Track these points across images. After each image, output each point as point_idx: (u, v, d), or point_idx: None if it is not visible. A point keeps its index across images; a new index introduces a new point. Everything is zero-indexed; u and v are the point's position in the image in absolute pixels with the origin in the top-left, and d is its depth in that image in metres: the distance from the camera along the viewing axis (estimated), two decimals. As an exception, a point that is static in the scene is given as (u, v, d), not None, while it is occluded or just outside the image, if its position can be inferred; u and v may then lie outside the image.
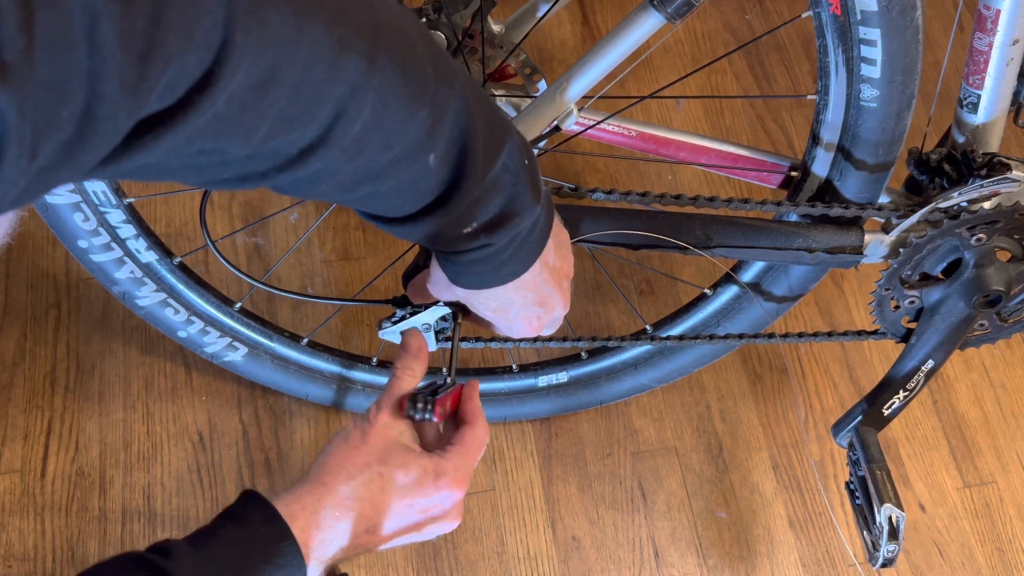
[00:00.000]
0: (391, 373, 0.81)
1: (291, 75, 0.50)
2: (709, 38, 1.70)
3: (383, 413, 0.79)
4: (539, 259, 0.74)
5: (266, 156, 0.54)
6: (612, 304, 1.46)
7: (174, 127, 0.46)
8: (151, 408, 1.35)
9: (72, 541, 1.26)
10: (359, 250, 1.48)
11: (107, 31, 0.40)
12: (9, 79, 0.37)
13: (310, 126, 0.54)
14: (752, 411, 1.40)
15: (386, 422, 0.78)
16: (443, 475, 0.77)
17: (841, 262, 1.02)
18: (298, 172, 0.56)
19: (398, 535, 0.78)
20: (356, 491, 0.75)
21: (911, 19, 0.88)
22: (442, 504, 0.78)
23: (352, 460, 0.76)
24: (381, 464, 0.76)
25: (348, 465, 0.76)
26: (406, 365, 0.81)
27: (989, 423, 1.41)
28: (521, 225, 0.69)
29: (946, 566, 1.31)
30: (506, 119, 0.67)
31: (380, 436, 0.77)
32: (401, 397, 0.80)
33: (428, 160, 0.61)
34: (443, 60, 0.60)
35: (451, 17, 1.08)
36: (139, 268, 1.15)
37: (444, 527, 0.79)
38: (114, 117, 0.43)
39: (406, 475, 0.76)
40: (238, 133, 0.51)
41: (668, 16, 0.90)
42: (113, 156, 0.45)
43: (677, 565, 1.29)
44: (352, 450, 0.77)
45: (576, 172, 1.56)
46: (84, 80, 0.40)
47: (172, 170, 0.52)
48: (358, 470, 0.76)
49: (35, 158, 0.40)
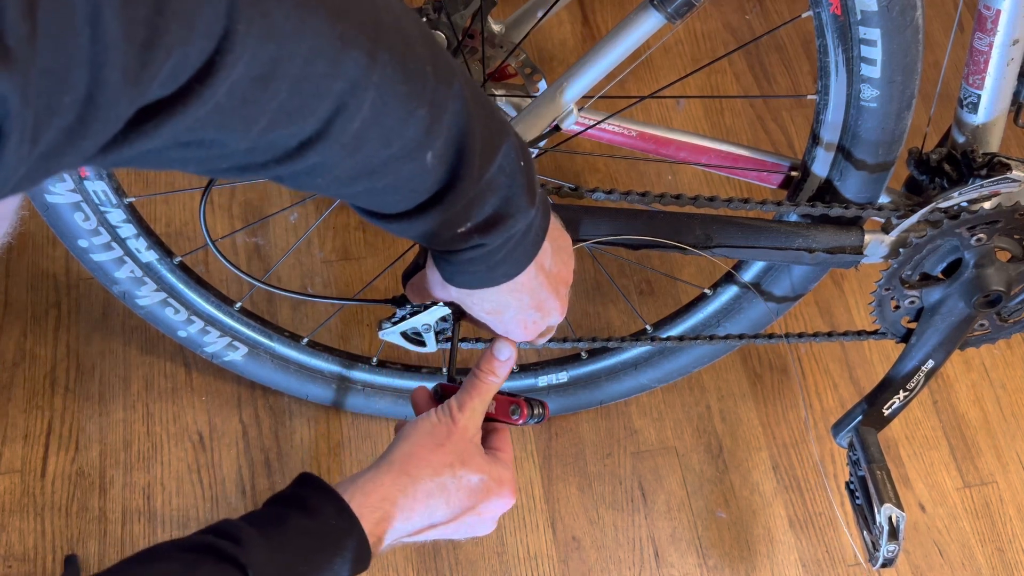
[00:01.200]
0: (472, 373, 0.83)
1: (292, 68, 0.50)
2: (709, 38, 1.70)
3: (465, 412, 0.81)
4: (534, 262, 0.74)
5: (265, 148, 0.54)
6: (612, 304, 1.46)
7: (175, 116, 0.47)
8: (151, 408, 1.35)
9: (72, 541, 1.26)
10: (359, 250, 1.48)
11: (110, 19, 0.40)
12: (12, 65, 0.37)
13: (309, 120, 0.54)
14: (752, 411, 1.40)
15: (467, 422, 0.81)
16: (505, 484, 0.81)
17: (841, 262, 1.02)
18: (296, 165, 0.56)
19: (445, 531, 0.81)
20: (437, 488, 0.78)
21: (911, 19, 0.88)
22: (495, 509, 0.81)
23: (438, 457, 0.79)
24: (462, 465, 0.79)
25: (434, 461, 0.79)
26: (492, 369, 0.83)
27: (989, 423, 1.41)
28: (515, 227, 0.69)
29: (946, 566, 1.31)
30: (504, 120, 0.68)
31: (462, 436, 0.80)
32: (495, 399, 0.84)
33: (426, 158, 0.61)
34: (442, 59, 0.61)
35: (451, 17, 1.08)
36: (139, 268, 1.15)
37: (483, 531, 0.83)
38: (116, 104, 0.43)
39: (480, 479, 0.80)
40: (238, 125, 0.51)
41: (668, 16, 0.90)
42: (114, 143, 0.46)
43: (677, 565, 1.29)
44: (438, 447, 0.79)
45: (576, 172, 1.56)
46: (86, 67, 0.41)
47: (172, 160, 0.53)
48: (443, 468, 0.79)
49: (37, 144, 0.40)
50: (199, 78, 0.46)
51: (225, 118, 0.49)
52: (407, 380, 1.31)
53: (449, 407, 0.81)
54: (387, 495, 0.76)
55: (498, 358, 0.83)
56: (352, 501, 0.75)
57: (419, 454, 0.79)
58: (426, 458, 0.79)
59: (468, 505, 0.80)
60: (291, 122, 0.53)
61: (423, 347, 0.96)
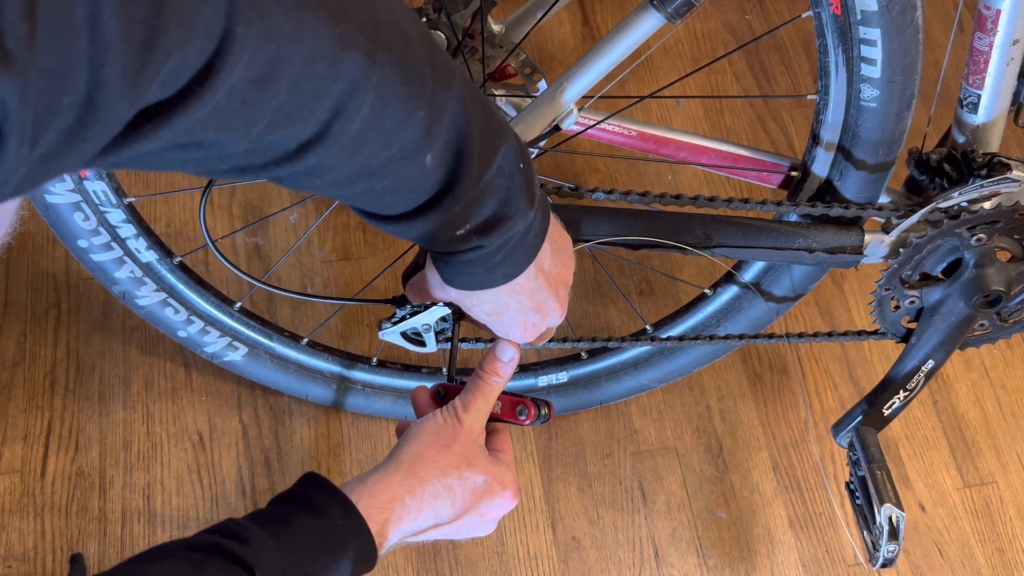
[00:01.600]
0: (475, 374, 0.83)
1: (291, 69, 0.50)
2: (709, 38, 1.70)
3: (470, 413, 0.82)
4: (533, 264, 0.73)
5: (265, 150, 0.54)
6: (612, 304, 1.46)
7: (174, 117, 0.47)
8: (151, 408, 1.35)
9: (72, 541, 1.26)
10: (359, 250, 1.48)
11: (109, 19, 0.40)
12: (11, 67, 0.37)
13: (309, 122, 0.54)
14: (752, 411, 1.40)
15: (472, 423, 0.82)
16: (507, 485, 0.82)
17: (841, 262, 1.02)
18: (296, 166, 0.56)
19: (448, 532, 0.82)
20: (443, 489, 0.79)
21: (911, 19, 0.88)
22: (497, 510, 0.82)
23: (445, 458, 0.80)
24: (468, 467, 0.80)
25: (441, 462, 0.79)
26: (495, 370, 0.83)
27: (989, 423, 1.41)
28: (515, 228, 0.69)
29: (946, 566, 1.31)
30: (503, 122, 0.67)
31: (467, 437, 0.81)
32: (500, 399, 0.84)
33: (425, 160, 0.61)
34: (441, 61, 0.61)
35: (451, 17, 1.08)
36: (139, 268, 1.15)
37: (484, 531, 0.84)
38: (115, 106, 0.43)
39: (484, 480, 0.80)
40: (238, 126, 0.51)
41: (668, 16, 0.90)
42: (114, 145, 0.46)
43: (677, 565, 1.29)
44: (444, 448, 0.80)
45: (576, 172, 1.56)
46: (86, 68, 0.41)
47: (171, 162, 0.53)
48: (450, 469, 0.79)
49: (36, 145, 0.40)
50: (199, 79, 0.46)
51: (224, 119, 0.49)
52: (407, 380, 1.31)
53: (455, 408, 0.82)
54: (394, 496, 0.77)
55: (501, 359, 0.83)
56: (359, 502, 0.75)
57: (426, 455, 0.79)
58: (433, 459, 0.79)
59: (471, 506, 0.80)
60: (290, 123, 0.53)
61: (423, 347, 0.96)
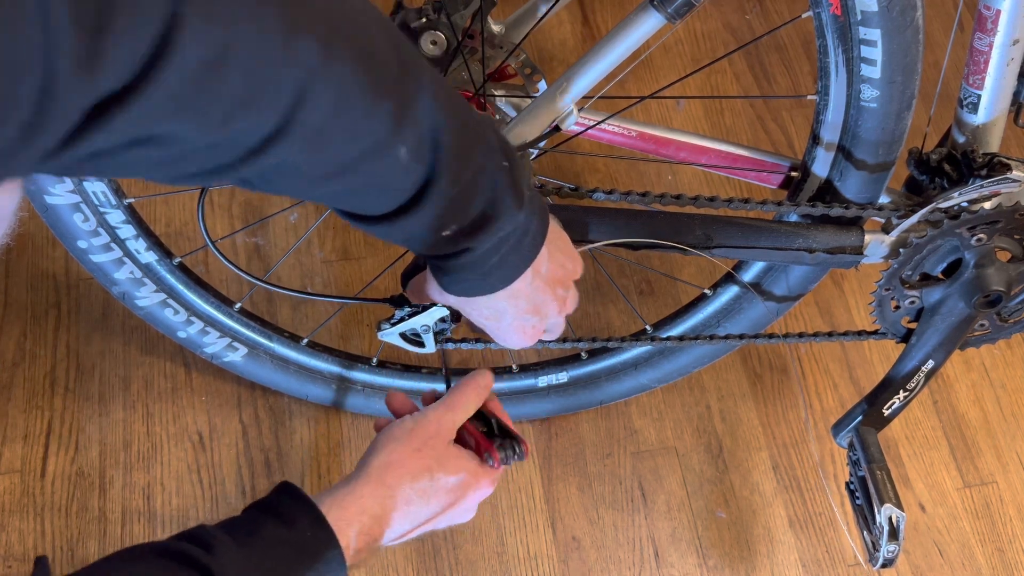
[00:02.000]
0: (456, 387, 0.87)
1: (244, 54, 0.49)
2: (709, 38, 1.70)
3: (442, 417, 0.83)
4: (530, 268, 0.73)
5: (228, 145, 0.53)
6: (612, 304, 1.46)
7: (128, 104, 0.46)
8: (151, 408, 1.35)
9: (72, 541, 1.26)
10: (359, 250, 1.48)
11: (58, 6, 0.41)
12: None
13: (267, 112, 0.53)
14: (752, 411, 1.40)
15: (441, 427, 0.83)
16: (481, 477, 0.83)
17: (841, 262, 1.02)
18: (262, 162, 0.55)
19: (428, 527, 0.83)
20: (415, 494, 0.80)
21: (911, 19, 0.88)
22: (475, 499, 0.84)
23: (415, 462, 0.81)
24: (440, 468, 0.81)
25: (412, 467, 0.80)
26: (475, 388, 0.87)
27: (989, 423, 1.41)
28: (503, 229, 0.68)
29: (946, 566, 1.31)
30: (484, 120, 0.67)
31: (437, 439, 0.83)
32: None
33: (399, 155, 0.60)
34: (409, 55, 0.60)
35: (451, 17, 1.07)
36: (139, 268, 1.15)
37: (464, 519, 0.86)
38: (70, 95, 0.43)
39: (457, 477, 0.82)
40: (195, 116, 0.50)
41: (668, 16, 0.90)
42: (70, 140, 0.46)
43: (677, 565, 1.29)
44: (414, 452, 0.81)
45: (576, 172, 1.56)
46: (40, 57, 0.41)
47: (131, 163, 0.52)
48: (421, 472, 0.80)
49: None
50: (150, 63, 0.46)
51: (180, 107, 0.49)
52: (407, 380, 1.31)
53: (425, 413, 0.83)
54: (365, 507, 0.77)
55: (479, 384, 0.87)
56: (329, 513, 0.75)
57: (396, 461, 0.80)
58: (404, 465, 0.80)
59: (448, 502, 0.82)
60: (249, 113, 0.52)
61: (422, 348, 0.96)
